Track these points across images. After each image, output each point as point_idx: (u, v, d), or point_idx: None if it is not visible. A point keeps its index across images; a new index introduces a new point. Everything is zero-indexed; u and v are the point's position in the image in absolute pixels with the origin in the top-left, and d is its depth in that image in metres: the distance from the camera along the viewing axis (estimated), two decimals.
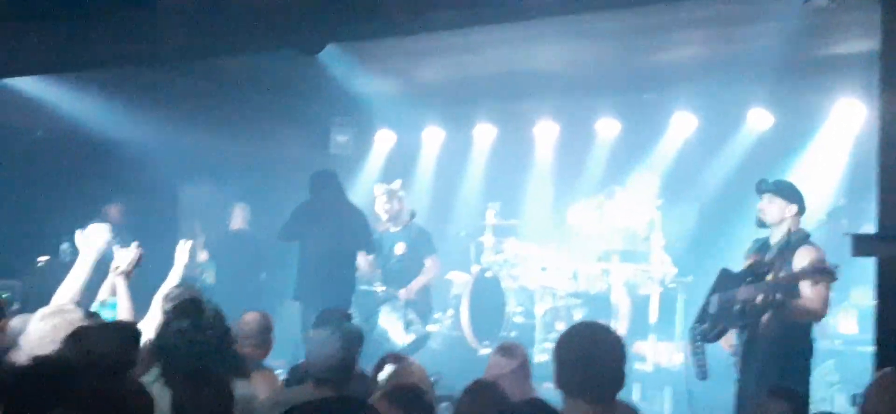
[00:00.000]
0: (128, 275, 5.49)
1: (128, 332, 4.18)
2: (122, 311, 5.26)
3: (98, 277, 5.77)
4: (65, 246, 8.53)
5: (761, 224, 6.12)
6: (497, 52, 8.65)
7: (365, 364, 4.82)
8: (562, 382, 3.20)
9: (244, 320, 5.80)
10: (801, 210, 6.04)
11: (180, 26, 6.92)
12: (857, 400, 3.23)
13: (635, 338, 9.09)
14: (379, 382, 4.35)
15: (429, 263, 9.33)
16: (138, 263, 5.57)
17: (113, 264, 5.56)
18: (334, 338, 4.28)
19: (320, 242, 8.51)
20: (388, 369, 4.35)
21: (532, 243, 9.89)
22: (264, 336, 5.83)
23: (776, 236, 6.00)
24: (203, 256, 10.40)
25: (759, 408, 4.11)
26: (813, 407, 6.29)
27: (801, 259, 5.74)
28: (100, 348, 3.96)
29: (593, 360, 3.19)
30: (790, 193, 6.08)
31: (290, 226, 8.78)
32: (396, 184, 9.43)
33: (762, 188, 6.13)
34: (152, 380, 4.12)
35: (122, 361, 3.97)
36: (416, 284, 9.21)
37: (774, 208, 6.03)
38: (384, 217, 9.18)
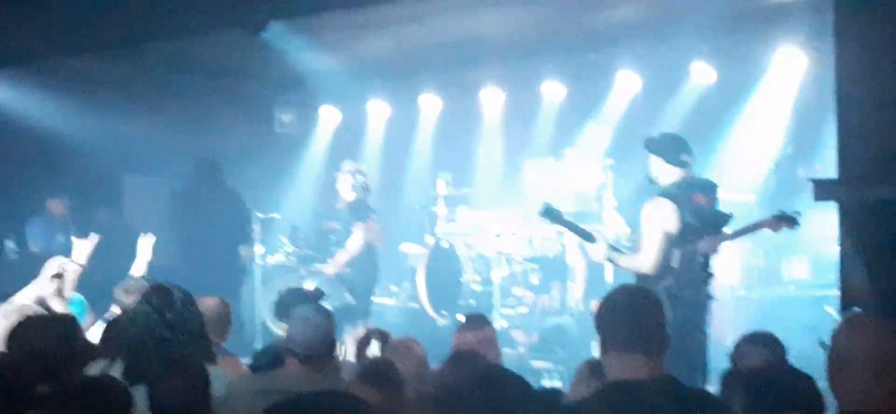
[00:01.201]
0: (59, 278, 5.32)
1: (65, 325, 4.08)
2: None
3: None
4: (10, 244, 8.33)
5: (652, 180, 6.20)
6: (439, 21, 8.59)
7: None
8: (613, 341, 3.17)
9: (204, 306, 5.71)
10: (669, 161, 6.06)
11: (119, 12, 6.76)
12: (825, 344, 3.25)
13: (592, 298, 9.14)
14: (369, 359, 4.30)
15: (355, 230, 8.80)
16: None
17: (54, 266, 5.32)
18: (318, 315, 4.21)
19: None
20: (375, 346, 4.30)
21: (485, 211, 9.89)
22: (224, 322, 5.74)
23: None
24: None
25: (736, 353, 4.14)
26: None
27: (648, 214, 5.95)
28: (38, 344, 3.85)
29: (641, 313, 3.18)
30: (656, 148, 6.18)
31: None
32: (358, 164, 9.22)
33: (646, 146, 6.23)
34: (120, 373, 4.02)
35: (65, 355, 3.86)
36: (342, 256, 8.91)
37: (654, 166, 6.15)
38: (350, 196, 8.88)
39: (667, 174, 6.04)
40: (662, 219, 5.84)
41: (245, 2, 6.68)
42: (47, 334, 3.91)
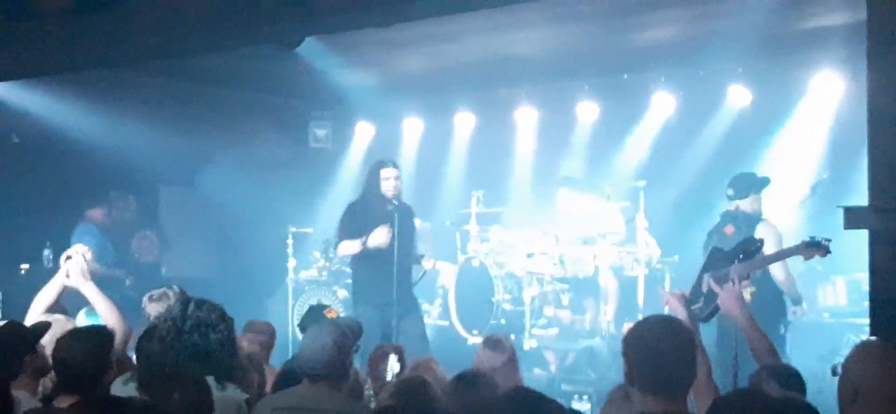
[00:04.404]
0: (85, 277, 5.17)
1: (100, 337, 4.11)
2: (102, 314, 5.07)
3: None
4: (47, 252, 8.45)
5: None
6: (475, 40, 8.62)
7: None
8: (636, 378, 3.16)
9: (253, 324, 6.04)
10: (757, 191, 7.18)
11: (156, 24, 6.83)
12: (837, 370, 3.20)
13: (624, 319, 9.09)
14: (388, 376, 4.30)
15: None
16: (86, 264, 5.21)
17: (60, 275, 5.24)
18: (325, 333, 4.22)
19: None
20: (393, 361, 4.30)
21: (517, 230, 9.87)
22: (272, 339, 5.99)
23: None
24: None
25: (752, 383, 4.08)
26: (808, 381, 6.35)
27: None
28: (72, 356, 3.90)
29: (664, 355, 3.14)
30: (744, 186, 7.35)
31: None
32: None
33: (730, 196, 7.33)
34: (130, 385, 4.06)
35: (96, 368, 3.90)
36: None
37: (746, 203, 7.18)
38: (392, 194, 8.20)
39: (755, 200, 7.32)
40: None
41: (280, 18, 6.72)
42: (80, 347, 3.96)
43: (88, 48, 7.23)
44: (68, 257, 5.12)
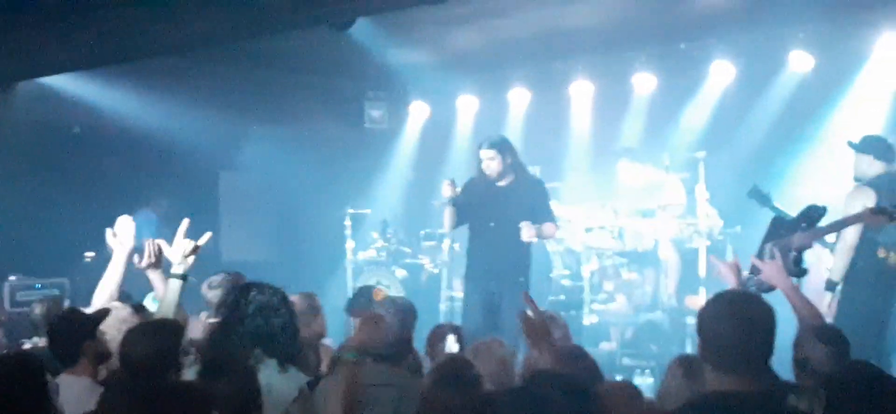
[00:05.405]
0: (155, 267, 5.11)
1: (166, 331, 4.12)
2: (163, 306, 5.07)
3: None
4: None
5: (857, 179, 6.62)
6: (528, 14, 8.55)
7: None
8: (711, 356, 3.11)
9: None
10: (879, 156, 6.57)
11: (208, 10, 6.88)
12: None
13: (685, 293, 8.98)
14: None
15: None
16: (159, 252, 5.09)
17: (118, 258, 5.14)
18: (389, 314, 4.22)
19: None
20: (451, 341, 4.28)
21: (575, 205, 9.78)
22: (314, 314, 5.76)
23: None
24: None
25: (797, 344, 4.01)
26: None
27: (847, 202, 6.21)
28: (138, 350, 3.92)
29: (737, 332, 3.08)
30: (867, 146, 6.66)
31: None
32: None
33: (851, 146, 6.74)
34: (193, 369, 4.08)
35: (163, 362, 3.91)
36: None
37: (861, 163, 6.63)
38: (494, 174, 7.78)
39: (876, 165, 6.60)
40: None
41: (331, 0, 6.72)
42: (145, 342, 3.99)
43: (144, 35, 7.32)
44: (115, 235, 5.12)
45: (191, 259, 4.79)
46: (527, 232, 7.41)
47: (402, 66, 10.08)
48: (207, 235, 4.87)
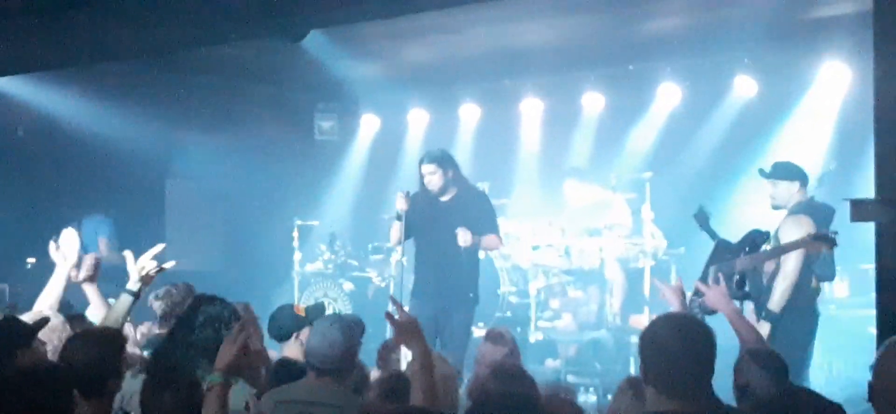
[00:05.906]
0: (91, 281, 5.14)
1: (108, 339, 4.08)
2: (110, 318, 5.01)
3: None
4: (53, 246, 8.42)
5: (776, 207, 6.38)
6: (480, 31, 8.59)
7: None
8: (652, 378, 3.13)
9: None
10: (804, 183, 6.35)
11: (161, 19, 6.84)
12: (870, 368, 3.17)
13: (630, 311, 9.08)
14: (403, 365, 4.28)
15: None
16: (97, 265, 5.17)
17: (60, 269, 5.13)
18: (335, 328, 4.21)
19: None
20: (404, 350, 4.26)
21: (523, 222, 9.85)
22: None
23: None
24: None
25: (737, 370, 4.07)
26: (812, 373, 6.33)
27: (786, 229, 6.07)
28: (79, 357, 3.87)
29: (679, 355, 3.09)
30: (788, 173, 6.37)
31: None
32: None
33: (764, 175, 6.42)
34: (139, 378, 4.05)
35: (103, 370, 3.87)
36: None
37: (781, 191, 6.33)
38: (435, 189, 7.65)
39: (802, 193, 6.38)
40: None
41: (285, 11, 6.71)
42: (86, 351, 3.93)
43: (94, 41, 7.25)
44: (57, 247, 5.08)
45: (149, 280, 4.76)
46: (462, 237, 7.28)
47: (354, 78, 10.09)
48: (160, 247, 4.83)
